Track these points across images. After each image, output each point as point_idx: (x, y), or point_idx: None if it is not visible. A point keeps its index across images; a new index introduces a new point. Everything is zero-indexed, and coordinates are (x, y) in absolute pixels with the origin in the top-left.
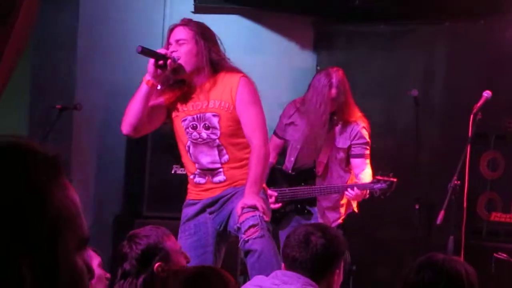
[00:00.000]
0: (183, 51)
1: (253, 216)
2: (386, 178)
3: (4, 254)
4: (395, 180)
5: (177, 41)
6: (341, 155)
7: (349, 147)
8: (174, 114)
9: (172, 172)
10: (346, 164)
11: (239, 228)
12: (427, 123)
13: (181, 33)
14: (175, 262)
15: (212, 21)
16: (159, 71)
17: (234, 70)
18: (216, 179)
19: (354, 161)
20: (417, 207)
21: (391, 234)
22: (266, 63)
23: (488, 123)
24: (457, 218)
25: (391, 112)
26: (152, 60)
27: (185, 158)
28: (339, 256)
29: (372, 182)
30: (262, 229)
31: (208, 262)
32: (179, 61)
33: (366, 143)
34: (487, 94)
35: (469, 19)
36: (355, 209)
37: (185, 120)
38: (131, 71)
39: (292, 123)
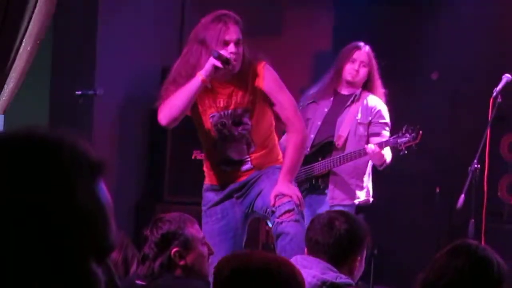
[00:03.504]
0: (239, 53)
1: (289, 201)
2: (410, 131)
3: (16, 247)
4: (420, 131)
5: (236, 42)
6: (361, 131)
7: (369, 123)
8: (201, 109)
9: (193, 157)
10: (366, 143)
11: (273, 212)
12: (448, 106)
13: (238, 33)
14: (195, 251)
15: (230, 3)
16: (217, 72)
17: (258, 60)
18: (244, 168)
19: (373, 140)
20: (438, 190)
21: (412, 218)
22: (284, 45)
23: (508, 106)
24: (477, 202)
25: (412, 96)
26: (217, 63)
27: (210, 152)
28: (361, 242)
29: (395, 137)
30: (297, 214)
31: (238, 244)
32: (235, 63)
33: (386, 124)
34: (507, 77)
35: (489, 1)
36: (370, 198)
37: (213, 116)
38: (149, 57)
39: (313, 101)
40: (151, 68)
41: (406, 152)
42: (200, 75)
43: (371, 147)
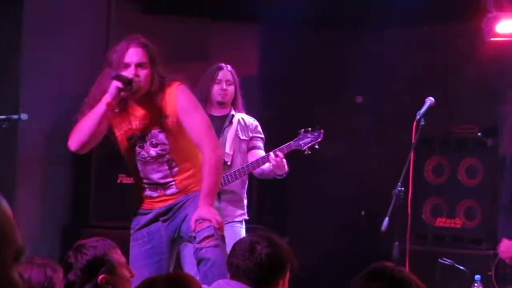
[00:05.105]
0: (143, 75)
1: (208, 226)
2: (310, 131)
3: None
4: (321, 130)
5: (138, 64)
6: (244, 147)
7: (250, 139)
8: (118, 132)
9: (118, 181)
10: (246, 157)
11: (194, 237)
12: (372, 129)
13: (141, 56)
14: (119, 275)
15: (159, 30)
16: (121, 94)
17: (171, 81)
18: (169, 191)
19: (253, 153)
20: (363, 213)
21: (337, 241)
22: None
23: (432, 129)
24: (402, 224)
25: (336, 119)
26: (118, 84)
27: (134, 174)
28: (283, 266)
29: (296, 140)
30: (217, 239)
31: (163, 269)
32: (140, 85)
33: (262, 138)
34: (430, 100)
35: (412, 26)
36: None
37: (131, 138)
38: (74, 81)
39: None
40: (76, 93)
41: (309, 152)
42: (105, 99)
43: (273, 155)
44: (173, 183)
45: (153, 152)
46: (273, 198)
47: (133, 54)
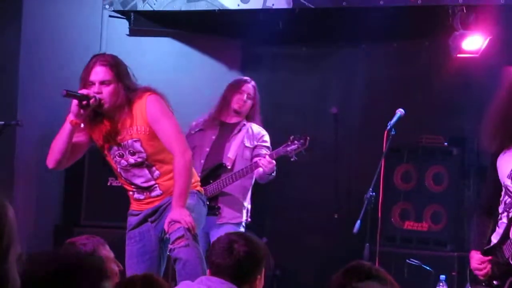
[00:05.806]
0: (107, 92)
1: (178, 228)
2: (297, 138)
3: None
4: (307, 137)
5: (101, 82)
6: (247, 154)
7: (255, 147)
8: (98, 145)
9: (108, 184)
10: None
11: (169, 239)
12: (345, 138)
13: (104, 73)
14: (108, 270)
15: (146, 43)
16: (82, 110)
17: (142, 93)
18: (154, 193)
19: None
20: (336, 216)
21: (313, 241)
22: (195, 83)
23: (401, 139)
24: (372, 227)
25: (312, 128)
26: (75, 101)
27: (122, 181)
28: (260, 262)
29: (284, 146)
30: (187, 239)
31: (153, 265)
32: (103, 101)
33: (268, 147)
34: (400, 111)
35: (384, 42)
36: (249, 218)
37: (110, 149)
38: (69, 87)
39: (200, 130)
40: (70, 101)
41: (296, 158)
42: (69, 118)
43: (263, 161)
44: (156, 186)
45: (132, 160)
46: (252, 201)
47: (98, 72)
